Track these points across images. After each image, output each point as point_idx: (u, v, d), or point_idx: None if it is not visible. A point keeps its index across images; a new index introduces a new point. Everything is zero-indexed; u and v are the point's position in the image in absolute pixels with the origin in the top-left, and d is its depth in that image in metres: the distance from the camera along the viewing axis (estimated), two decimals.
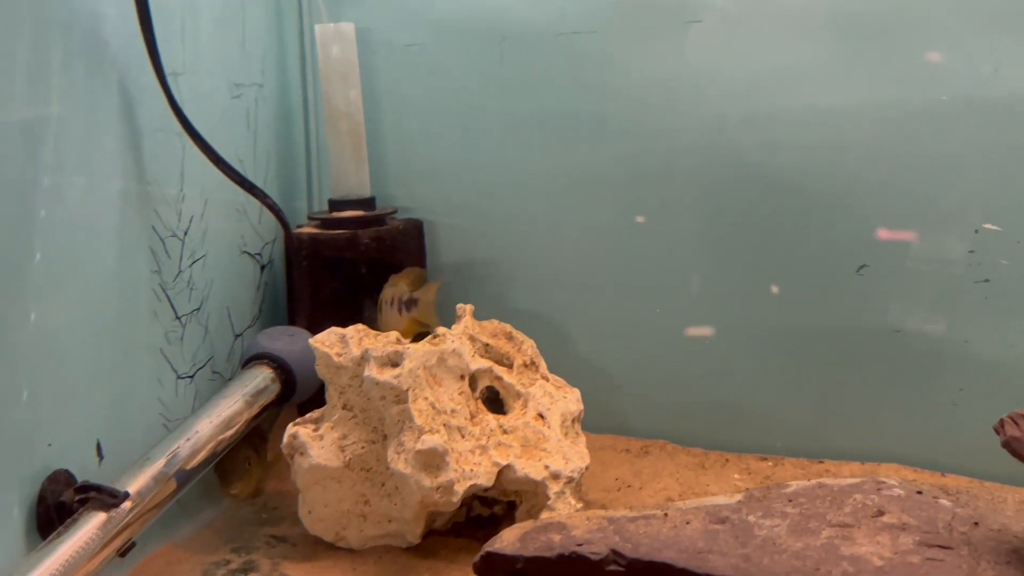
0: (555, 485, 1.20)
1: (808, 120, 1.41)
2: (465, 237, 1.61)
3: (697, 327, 1.54)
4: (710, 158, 1.47)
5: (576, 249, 1.57)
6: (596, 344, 1.59)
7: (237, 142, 1.41)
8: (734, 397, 1.53)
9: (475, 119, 1.58)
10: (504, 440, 1.21)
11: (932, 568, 0.88)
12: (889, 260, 1.41)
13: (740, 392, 1.52)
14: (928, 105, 1.35)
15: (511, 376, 1.29)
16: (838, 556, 0.92)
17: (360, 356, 1.20)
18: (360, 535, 1.22)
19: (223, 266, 1.38)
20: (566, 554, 1.00)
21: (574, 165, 1.54)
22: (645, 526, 1.03)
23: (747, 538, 0.98)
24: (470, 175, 1.59)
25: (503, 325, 1.35)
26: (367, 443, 1.21)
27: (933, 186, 1.38)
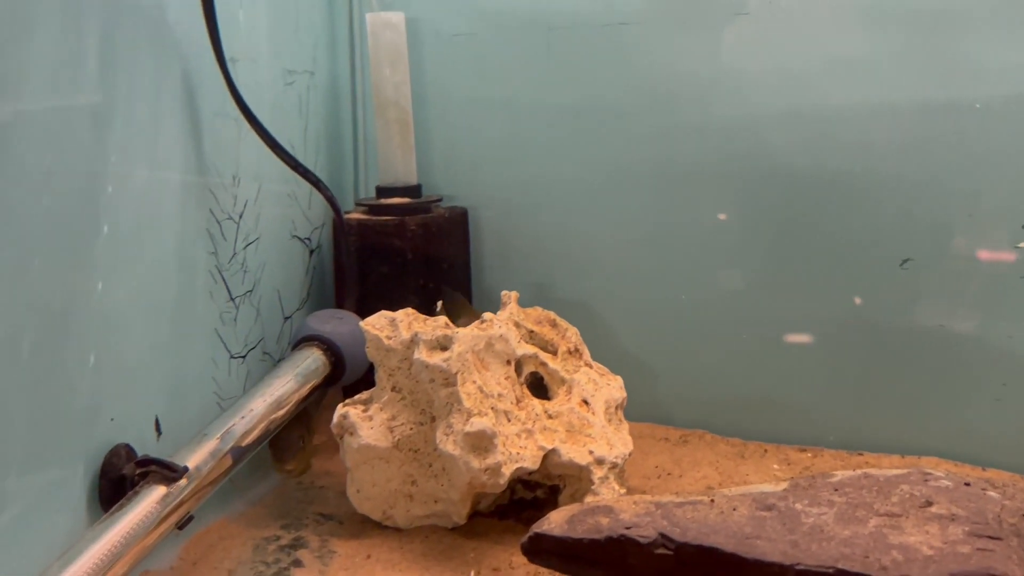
0: (599, 470, 1.22)
1: (853, 115, 1.42)
2: (508, 226, 1.63)
3: (741, 321, 1.55)
4: (754, 152, 1.48)
5: (618, 239, 1.58)
6: (636, 334, 1.60)
7: (289, 128, 1.44)
8: (774, 389, 1.53)
9: (520, 109, 1.59)
10: (549, 425, 1.23)
11: (983, 558, 0.89)
12: (933, 254, 1.41)
13: (780, 384, 1.53)
14: (975, 100, 1.35)
15: (556, 362, 1.30)
16: (887, 544, 0.93)
17: (410, 339, 1.22)
18: (407, 514, 1.25)
19: (275, 250, 1.41)
20: (615, 536, 1.02)
21: (618, 156, 1.55)
22: (692, 511, 1.05)
23: (794, 525, 0.99)
24: (514, 165, 1.61)
25: (547, 312, 1.37)
26: (415, 424, 1.23)
27: (979, 181, 1.37)
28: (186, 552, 1.20)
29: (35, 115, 0.94)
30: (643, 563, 1.01)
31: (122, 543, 0.98)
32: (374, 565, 1.17)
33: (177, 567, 1.17)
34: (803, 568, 0.93)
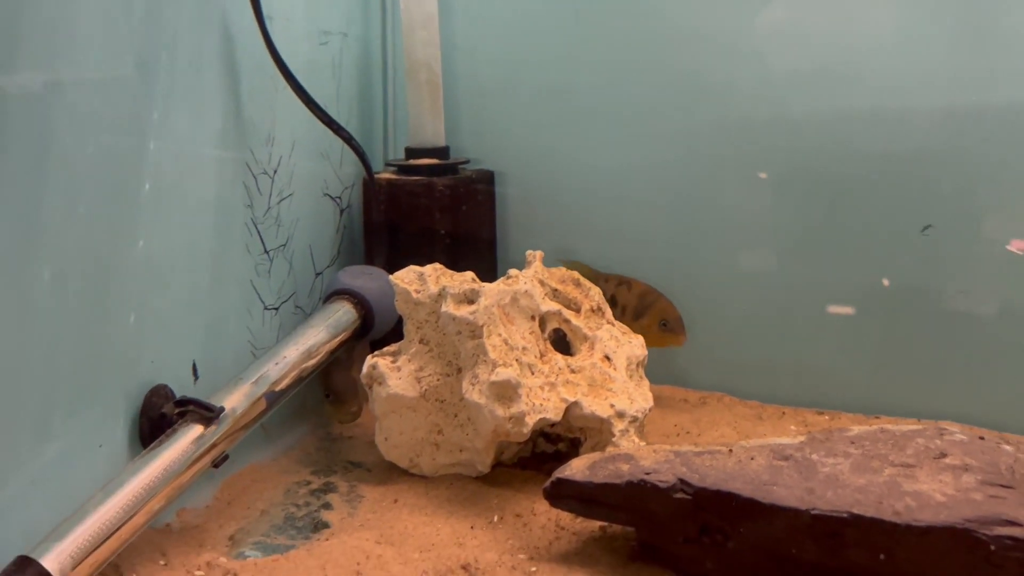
0: (620, 423, 1.25)
1: (881, 85, 1.43)
2: (533, 190, 1.65)
3: (761, 286, 1.57)
4: (779, 117, 1.49)
5: (641, 203, 1.60)
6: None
7: (322, 87, 1.47)
8: (793, 352, 1.56)
9: (547, 73, 1.61)
10: (572, 379, 1.26)
11: (995, 504, 0.91)
12: (955, 221, 1.42)
13: (799, 347, 1.55)
14: (1001, 72, 1.35)
15: (579, 319, 1.33)
16: (901, 492, 0.96)
17: (437, 293, 1.25)
18: (432, 463, 1.29)
19: (307, 206, 1.44)
20: (635, 481, 1.05)
21: (643, 120, 1.57)
22: (711, 460, 1.08)
23: (810, 474, 1.02)
24: (541, 130, 1.63)
25: (571, 272, 1.40)
26: (442, 376, 1.27)
27: (1003, 149, 1.38)
28: (221, 493, 1.25)
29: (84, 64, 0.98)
30: (662, 507, 1.05)
31: (160, 478, 1.03)
32: (400, 509, 1.21)
33: (212, 506, 1.22)
34: (818, 512, 0.96)
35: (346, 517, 1.20)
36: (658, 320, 1.46)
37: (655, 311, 1.46)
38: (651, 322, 1.46)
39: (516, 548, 1.12)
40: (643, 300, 1.47)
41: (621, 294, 1.48)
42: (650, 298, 1.47)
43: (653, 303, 1.46)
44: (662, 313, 1.46)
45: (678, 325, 1.47)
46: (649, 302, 1.46)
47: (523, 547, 1.12)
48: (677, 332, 1.47)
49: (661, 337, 1.47)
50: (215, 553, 1.10)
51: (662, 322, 1.46)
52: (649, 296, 1.47)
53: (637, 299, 1.47)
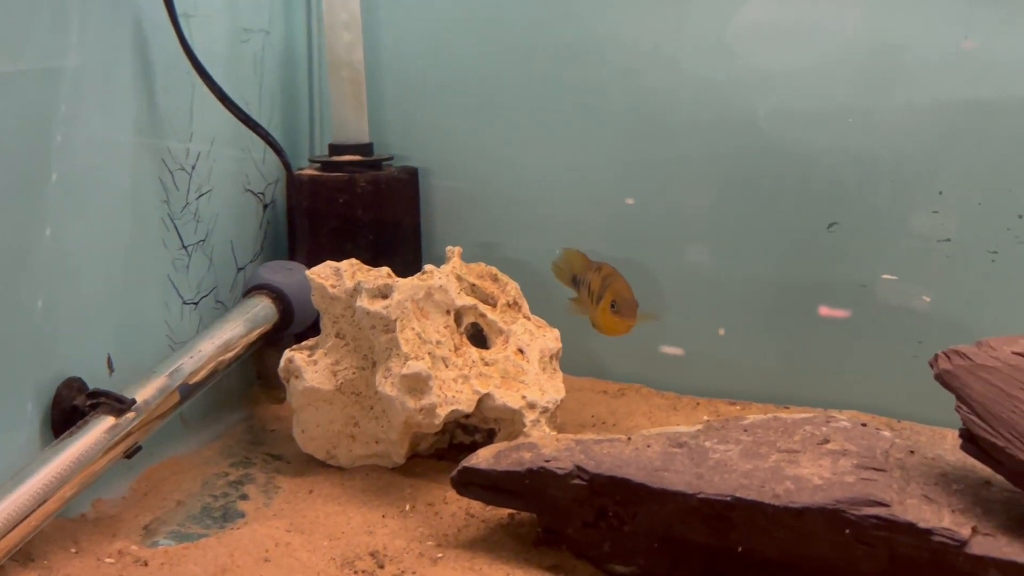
0: (531, 414, 1.29)
1: (787, 83, 1.48)
2: (459, 186, 1.69)
3: (677, 279, 1.62)
4: (695, 117, 1.54)
5: (564, 199, 1.64)
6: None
7: (243, 85, 1.48)
8: (707, 345, 1.61)
9: (473, 71, 1.64)
10: (485, 371, 1.30)
11: (865, 486, 0.97)
12: (858, 218, 1.48)
13: (713, 340, 1.60)
14: (894, 71, 1.42)
15: (494, 314, 1.37)
16: (782, 476, 1.01)
17: (353, 288, 1.28)
18: (349, 454, 1.32)
19: (228, 202, 1.46)
20: (535, 468, 1.09)
21: (568, 118, 1.61)
22: (609, 447, 1.12)
23: (701, 460, 1.07)
24: (466, 125, 1.66)
25: (489, 267, 1.44)
26: (358, 369, 1.29)
27: (900, 150, 1.45)
28: (137, 484, 1.26)
29: None
30: (561, 493, 1.09)
31: (71, 467, 1.05)
32: (315, 499, 1.24)
33: (128, 497, 1.23)
34: (704, 496, 1.01)
35: (261, 507, 1.22)
36: (610, 302, 1.38)
37: (609, 293, 1.40)
38: (605, 304, 1.40)
39: (425, 535, 1.16)
40: (604, 282, 1.42)
41: (592, 278, 1.42)
42: (608, 280, 1.40)
43: (609, 285, 1.40)
44: (614, 294, 1.39)
45: (626, 308, 1.37)
46: (607, 284, 1.40)
47: (432, 534, 1.16)
48: (625, 315, 1.37)
49: (613, 320, 1.37)
50: (127, 542, 1.11)
51: (612, 303, 1.38)
52: (609, 279, 1.39)
53: (600, 281, 1.41)
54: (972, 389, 0.95)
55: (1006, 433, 0.91)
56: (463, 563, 1.09)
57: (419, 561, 1.09)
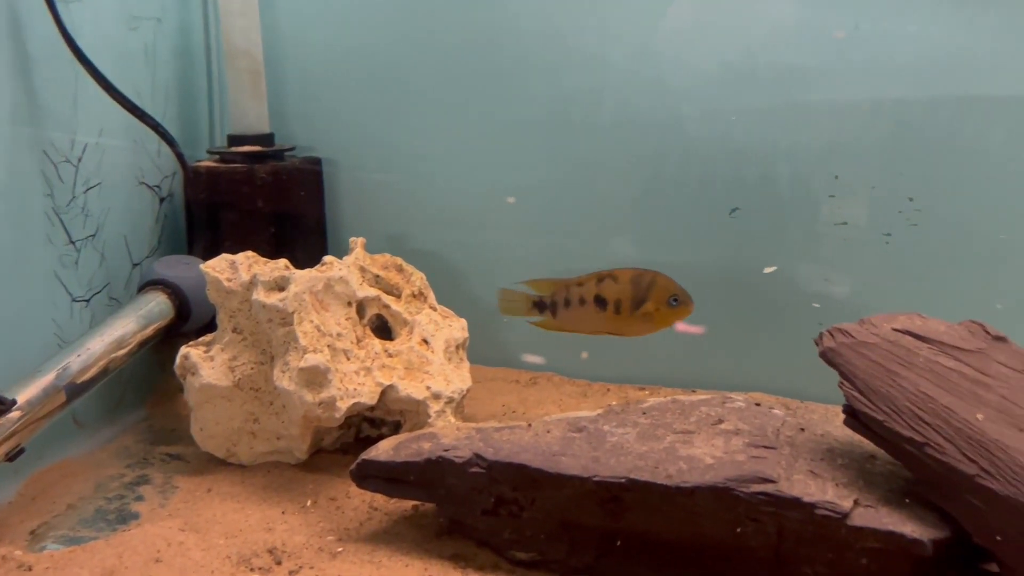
0: (436, 404, 1.28)
1: (691, 70, 1.50)
2: (366, 176, 1.66)
3: (588, 267, 1.62)
4: (598, 101, 1.54)
5: (473, 190, 1.64)
6: (490, 281, 1.67)
7: (135, 75, 1.43)
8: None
9: (378, 60, 1.62)
10: (388, 363, 1.29)
11: (755, 464, 0.99)
12: (759, 204, 1.51)
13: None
14: (801, 60, 1.45)
15: (399, 305, 1.36)
16: (676, 456, 1.02)
17: (249, 281, 1.25)
18: (250, 451, 1.29)
19: (120, 196, 1.41)
20: (433, 458, 1.09)
21: (474, 108, 1.60)
22: (509, 435, 1.12)
23: (599, 443, 1.08)
24: (372, 115, 1.64)
25: (395, 258, 1.42)
26: (256, 364, 1.27)
27: (798, 135, 1.48)
28: (25, 488, 1.21)
29: None
30: (460, 482, 1.09)
31: None
32: (213, 498, 1.21)
33: (15, 502, 1.19)
34: (600, 479, 1.02)
35: (157, 508, 1.19)
36: (666, 299, 1.37)
37: (658, 291, 1.37)
38: (657, 304, 1.37)
39: (326, 530, 1.14)
40: (638, 285, 1.38)
41: (608, 290, 1.38)
42: (645, 280, 1.37)
43: (651, 284, 1.38)
44: (667, 291, 1.36)
45: (685, 295, 1.36)
46: (646, 285, 1.38)
47: (333, 529, 1.14)
48: (687, 302, 1.36)
49: (673, 313, 1.36)
50: (11, 547, 1.07)
51: (672, 299, 1.36)
52: (643, 279, 1.38)
53: (631, 287, 1.37)
54: (854, 366, 0.98)
55: (885, 407, 0.94)
56: (363, 556, 1.08)
57: (318, 556, 1.08)
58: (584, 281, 1.41)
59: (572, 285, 1.41)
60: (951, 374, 0.94)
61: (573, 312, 1.40)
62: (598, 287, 1.39)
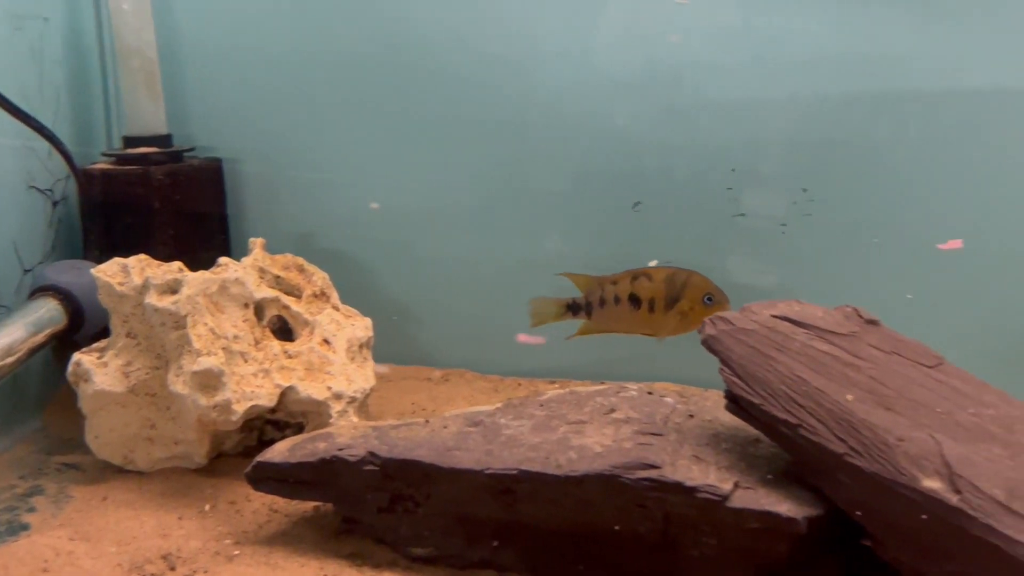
0: (338, 404, 1.27)
1: (585, 62, 1.52)
2: (271, 174, 1.65)
3: (499, 264, 1.64)
4: (496, 96, 1.55)
5: (379, 187, 1.63)
6: (400, 279, 1.67)
7: (20, 76, 1.39)
8: (527, 328, 1.63)
9: (282, 59, 1.61)
10: (288, 364, 1.28)
11: (641, 451, 1.00)
12: (660, 196, 1.54)
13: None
14: (691, 53, 1.48)
15: (299, 305, 1.35)
16: (567, 446, 1.04)
17: (142, 284, 1.23)
18: (148, 458, 1.26)
19: (7, 200, 1.36)
20: (327, 458, 1.08)
21: (380, 107, 1.60)
22: (406, 431, 1.12)
23: (494, 437, 1.08)
24: (275, 114, 1.63)
25: (296, 258, 1.41)
26: (151, 369, 1.24)
27: (695, 131, 1.51)
28: None
29: None
30: (354, 480, 1.09)
31: None
32: (108, 506, 1.18)
33: None
34: (492, 471, 1.03)
35: (48, 518, 1.16)
36: (701, 298, 1.35)
37: (692, 290, 1.36)
38: (692, 303, 1.36)
39: (224, 534, 1.12)
40: (672, 284, 1.36)
41: (642, 288, 1.37)
42: (680, 279, 1.36)
43: (686, 283, 1.36)
44: (701, 289, 1.35)
45: (720, 293, 1.35)
46: (680, 283, 1.36)
47: (231, 532, 1.13)
48: (722, 301, 1.35)
49: (708, 312, 1.32)
50: None
51: (706, 297, 1.35)
52: (677, 277, 1.36)
53: (665, 286, 1.36)
54: (733, 352, 1.01)
55: (762, 391, 0.97)
56: (259, 559, 1.07)
57: (214, 560, 1.06)
58: (618, 279, 1.39)
59: (607, 283, 1.39)
60: (824, 357, 0.98)
61: (608, 311, 1.38)
62: (632, 285, 1.37)
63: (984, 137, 1.41)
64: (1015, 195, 1.42)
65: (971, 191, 1.43)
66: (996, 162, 1.42)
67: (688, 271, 1.37)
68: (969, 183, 1.43)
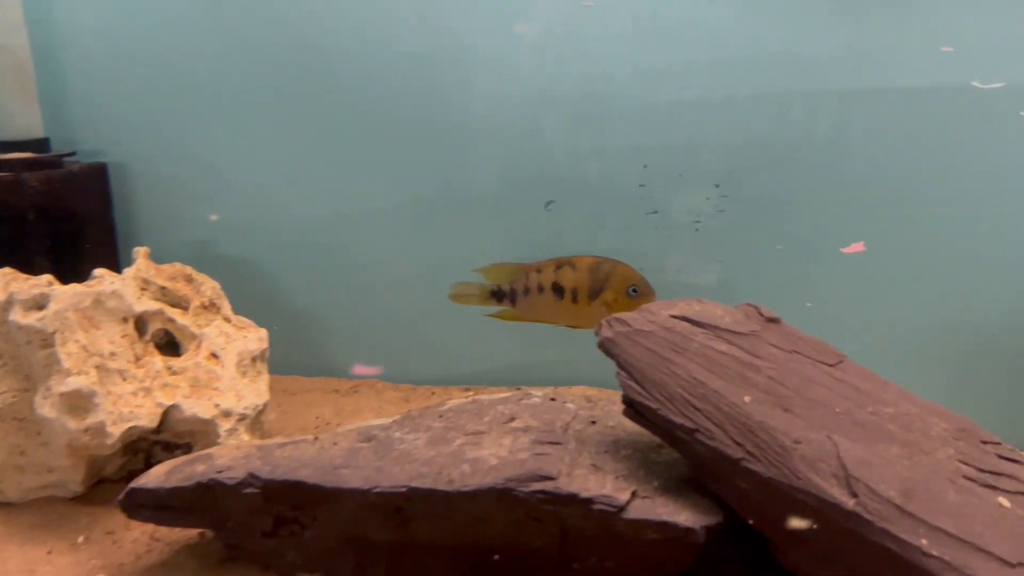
0: (226, 422, 1.20)
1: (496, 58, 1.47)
2: (162, 180, 1.56)
3: (409, 271, 1.58)
4: (405, 92, 1.50)
5: (281, 191, 1.56)
6: (307, 286, 1.60)
7: None
8: (442, 335, 1.58)
9: (172, 56, 1.52)
10: (171, 381, 1.20)
11: (537, 461, 0.95)
12: (572, 195, 1.50)
13: (447, 330, 1.57)
14: (602, 51, 1.44)
15: (185, 318, 1.26)
16: (462, 460, 0.98)
17: (6, 300, 1.14)
18: (19, 487, 1.17)
19: None
20: (204, 482, 1.01)
21: (280, 103, 1.52)
22: (292, 450, 1.05)
23: (386, 452, 1.02)
24: (167, 115, 1.54)
25: (184, 268, 1.33)
26: (19, 392, 1.15)
27: (607, 129, 1.47)
28: None
29: None
30: (235, 505, 1.01)
31: None
32: None
33: None
34: (380, 490, 0.97)
35: None
36: (625, 289, 1.29)
37: (617, 280, 1.29)
38: (616, 294, 1.29)
39: (98, 567, 1.04)
40: (596, 274, 1.30)
41: (565, 277, 1.31)
42: (604, 269, 1.30)
43: (610, 273, 1.30)
44: (626, 280, 1.29)
45: (645, 285, 1.29)
46: (605, 273, 1.30)
47: (107, 565, 1.04)
48: (647, 293, 1.29)
49: (632, 304, 1.27)
50: None
51: (631, 289, 1.29)
52: (602, 267, 1.30)
53: (588, 275, 1.30)
54: (629, 355, 0.96)
55: (658, 395, 0.92)
56: None
57: None
58: (543, 267, 1.33)
59: (531, 271, 1.34)
60: (723, 358, 0.94)
61: (531, 300, 1.33)
62: (556, 274, 1.32)
63: (891, 136, 1.40)
64: (922, 195, 1.41)
65: (878, 190, 1.42)
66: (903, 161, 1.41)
67: (614, 261, 1.31)
68: (879, 182, 1.42)
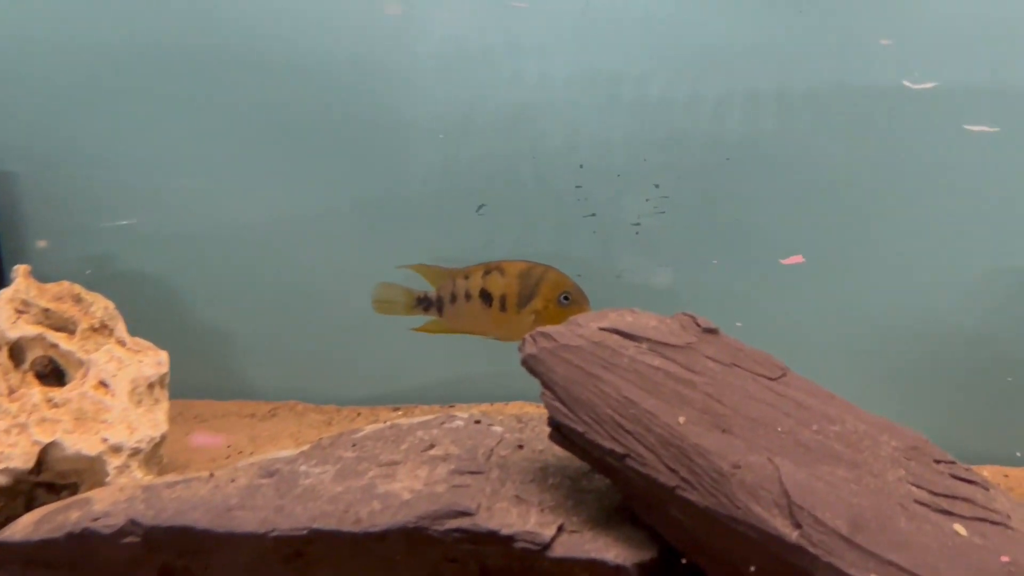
0: (116, 459, 1.08)
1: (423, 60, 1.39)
2: (58, 190, 1.43)
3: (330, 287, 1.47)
4: (330, 93, 1.40)
5: (194, 197, 1.44)
6: (219, 302, 1.48)
7: None
8: (367, 353, 1.48)
9: (69, 49, 1.40)
10: (51, 415, 1.07)
11: (454, 494, 0.85)
12: (506, 198, 1.41)
13: (373, 347, 1.47)
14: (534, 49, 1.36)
15: (71, 343, 1.14)
16: (372, 495, 0.88)
17: None
18: None
19: None
20: (76, 532, 0.88)
21: (190, 102, 1.41)
22: (183, 490, 0.94)
23: (288, 489, 0.91)
24: (63, 116, 1.42)
25: (72, 286, 1.20)
26: None
27: (542, 124, 1.39)
28: None
29: None
30: (113, 555, 0.89)
31: None
32: None
33: None
34: (279, 534, 0.86)
35: None
36: (557, 296, 1.21)
37: (548, 287, 1.21)
38: (547, 302, 1.21)
39: None
40: (526, 280, 1.22)
41: (493, 283, 1.23)
42: (535, 274, 1.22)
43: (540, 279, 1.22)
44: (558, 287, 1.21)
45: (578, 292, 1.21)
46: (535, 280, 1.22)
47: None
48: (580, 301, 1.21)
49: (564, 313, 1.18)
50: None
51: (563, 296, 1.21)
52: (532, 273, 1.22)
53: (518, 282, 1.22)
54: (555, 372, 0.86)
55: (586, 417, 0.83)
56: None
57: None
58: (471, 273, 1.24)
59: (459, 277, 1.24)
60: (656, 374, 0.85)
61: (459, 309, 1.23)
62: (484, 280, 1.23)
63: (837, 135, 1.34)
64: (862, 196, 1.35)
65: (822, 189, 1.35)
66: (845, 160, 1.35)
67: (545, 266, 1.23)
68: (822, 181, 1.35)
